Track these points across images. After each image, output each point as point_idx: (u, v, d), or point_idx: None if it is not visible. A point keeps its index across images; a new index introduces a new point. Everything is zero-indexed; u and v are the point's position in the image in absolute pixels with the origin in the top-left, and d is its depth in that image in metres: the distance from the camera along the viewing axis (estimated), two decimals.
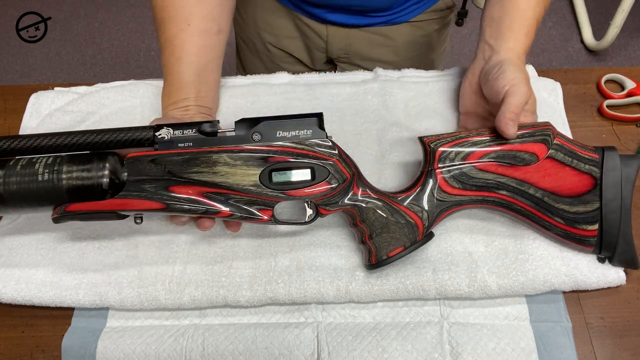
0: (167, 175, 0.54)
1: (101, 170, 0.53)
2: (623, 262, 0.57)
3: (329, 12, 0.83)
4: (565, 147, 0.57)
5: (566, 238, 0.57)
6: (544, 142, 0.56)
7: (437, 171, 0.57)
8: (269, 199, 0.54)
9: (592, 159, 0.57)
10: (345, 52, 0.91)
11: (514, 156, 0.56)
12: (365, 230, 0.56)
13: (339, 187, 0.55)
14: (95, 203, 0.52)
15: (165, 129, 0.55)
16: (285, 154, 0.54)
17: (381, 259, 0.55)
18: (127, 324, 0.59)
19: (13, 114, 0.76)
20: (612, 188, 0.56)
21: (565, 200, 0.56)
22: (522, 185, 0.56)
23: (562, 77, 0.74)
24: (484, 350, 0.55)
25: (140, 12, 2.13)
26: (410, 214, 0.56)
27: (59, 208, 0.52)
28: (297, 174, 0.54)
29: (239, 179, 0.54)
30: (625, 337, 0.57)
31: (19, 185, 0.52)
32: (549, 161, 0.56)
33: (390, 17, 0.84)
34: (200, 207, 0.53)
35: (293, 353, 0.55)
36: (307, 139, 0.54)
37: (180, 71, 0.63)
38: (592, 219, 0.56)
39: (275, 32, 0.91)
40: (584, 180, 0.56)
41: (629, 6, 1.72)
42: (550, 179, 0.56)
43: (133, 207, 0.53)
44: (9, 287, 0.59)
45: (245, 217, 0.54)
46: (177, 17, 0.64)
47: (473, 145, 0.57)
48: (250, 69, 1.01)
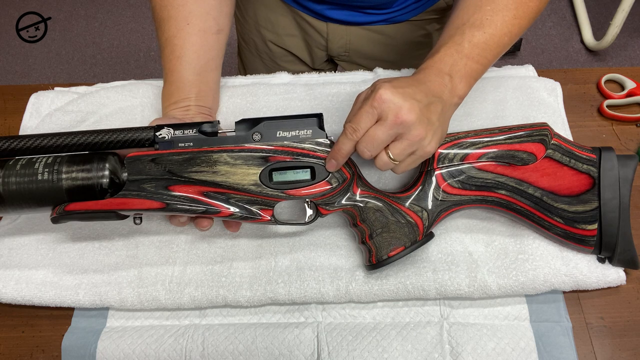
0: (167, 175, 0.54)
1: (101, 170, 0.53)
2: (623, 262, 0.57)
3: (330, 8, 0.83)
4: (562, 147, 0.57)
5: (566, 238, 0.57)
6: (541, 142, 0.57)
7: (437, 171, 0.57)
8: (269, 198, 0.54)
9: (590, 158, 0.57)
10: (345, 50, 0.91)
11: (513, 156, 0.56)
12: (366, 230, 0.56)
13: (339, 187, 0.55)
14: (94, 202, 0.52)
15: (166, 129, 0.55)
16: (285, 154, 0.54)
17: (382, 259, 0.55)
18: (127, 324, 0.59)
19: (13, 114, 0.76)
20: (610, 187, 0.56)
21: (564, 199, 0.57)
22: (521, 184, 0.57)
23: (562, 77, 0.74)
24: (484, 350, 0.55)
25: (140, 12, 2.13)
26: (410, 214, 0.56)
27: (58, 208, 0.52)
28: (297, 174, 0.55)
29: (240, 178, 0.54)
30: (625, 337, 0.57)
31: (19, 185, 0.52)
32: (547, 161, 0.57)
33: (391, 15, 0.84)
34: (200, 207, 0.53)
35: (293, 353, 0.55)
36: (307, 138, 0.55)
37: (181, 70, 0.63)
38: (591, 218, 0.57)
39: (276, 29, 0.91)
40: (582, 179, 0.57)
41: (629, 6, 1.71)
42: (548, 178, 0.56)
43: (133, 206, 0.52)
44: (9, 287, 0.59)
45: (245, 216, 0.54)
46: (176, 16, 0.64)
47: (471, 146, 0.57)
48: (250, 69, 1.01)
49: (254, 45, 0.96)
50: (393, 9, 0.83)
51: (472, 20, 0.56)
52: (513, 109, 0.69)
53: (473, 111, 0.69)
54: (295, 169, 0.55)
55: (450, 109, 0.55)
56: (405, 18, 0.86)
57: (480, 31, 0.56)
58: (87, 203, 0.52)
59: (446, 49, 0.55)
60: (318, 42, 0.90)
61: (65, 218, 0.52)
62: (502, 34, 0.57)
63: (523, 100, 0.70)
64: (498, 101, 0.70)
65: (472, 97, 0.71)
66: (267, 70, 0.97)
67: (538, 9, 0.59)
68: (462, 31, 0.56)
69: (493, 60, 0.58)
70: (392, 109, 0.49)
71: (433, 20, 0.89)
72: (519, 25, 0.58)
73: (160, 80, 0.75)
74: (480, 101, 0.70)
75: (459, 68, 0.54)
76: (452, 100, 0.54)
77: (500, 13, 0.57)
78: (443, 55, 0.55)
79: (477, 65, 0.55)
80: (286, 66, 0.96)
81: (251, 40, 0.96)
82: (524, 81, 0.72)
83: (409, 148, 0.51)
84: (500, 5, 0.57)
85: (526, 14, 0.58)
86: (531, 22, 0.60)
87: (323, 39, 0.89)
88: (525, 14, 0.58)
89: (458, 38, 0.55)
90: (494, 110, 0.69)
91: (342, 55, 0.92)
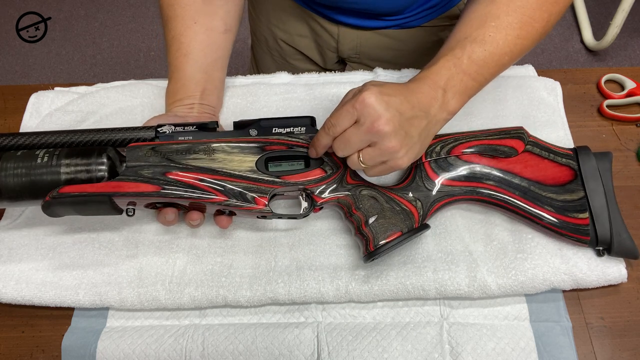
0: (166, 162, 0.54)
1: (100, 163, 0.53)
2: (621, 252, 0.58)
3: (341, 14, 0.83)
4: (539, 144, 0.62)
5: (561, 228, 0.58)
6: (519, 138, 0.61)
7: (425, 163, 0.59)
8: (264, 184, 0.55)
9: (567, 154, 0.61)
10: (356, 53, 0.91)
11: (495, 149, 0.60)
12: (361, 218, 0.56)
13: (333, 174, 0.57)
14: (90, 185, 0.52)
15: (167, 126, 0.57)
16: (281, 145, 0.57)
17: (379, 245, 0.55)
18: (127, 324, 0.59)
19: (13, 114, 0.76)
20: (592, 177, 0.60)
21: (551, 189, 0.59)
22: (507, 174, 0.59)
23: (562, 77, 0.74)
24: (484, 350, 0.55)
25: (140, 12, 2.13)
26: (404, 202, 0.57)
27: (52, 192, 0.51)
28: (292, 165, 0.57)
29: (236, 165, 0.55)
30: (625, 337, 0.57)
31: (17, 176, 0.51)
32: (527, 154, 0.61)
33: (403, 21, 0.84)
34: (194, 193, 0.54)
35: (293, 353, 0.55)
36: (301, 134, 0.58)
37: (187, 68, 0.63)
38: (581, 207, 0.59)
39: (288, 29, 0.91)
40: (564, 170, 0.60)
41: (629, 6, 1.71)
42: (532, 169, 0.60)
43: (128, 189, 0.52)
44: (9, 287, 0.59)
45: (240, 204, 0.54)
46: (183, 15, 0.64)
47: (456, 141, 0.60)
48: (261, 65, 1.02)
49: (265, 42, 0.96)
50: (405, 15, 0.83)
51: (475, 35, 0.55)
52: (513, 109, 0.69)
53: (473, 111, 0.69)
54: (290, 159, 0.57)
55: (437, 125, 0.55)
56: (418, 24, 0.86)
57: (481, 48, 0.55)
58: (82, 186, 0.51)
59: (444, 62, 0.54)
60: (329, 44, 0.90)
61: (58, 203, 0.51)
62: (502, 53, 0.56)
63: (523, 100, 0.70)
64: (498, 101, 0.70)
65: None
66: (276, 67, 0.97)
67: (544, 31, 0.58)
68: (463, 45, 0.55)
69: (490, 79, 0.57)
70: (371, 114, 0.49)
71: (446, 27, 0.88)
72: (521, 45, 0.57)
73: (161, 80, 0.75)
74: (480, 101, 0.70)
75: (454, 83, 0.54)
76: (440, 116, 0.54)
77: (504, 31, 0.55)
78: (440, 67, 0.54)
79: (473, 82, 0.55)
80: (296, 64, 0.96)
81: (263, 37, 0.96)
82: (524, 81, 0.72)
83: (380, 157, 0.51)
84: (504, 23, 0.55)
85: (530, 35, 0.57)
86: (535, 43, 0.58)
87: (334, 41, 0.89)
88: (530, 34, 0.57)
89: (458, 52, 0.55)
90: (494, 110, 0.69)
91: (352, 57, 0.92)
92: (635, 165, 0.68)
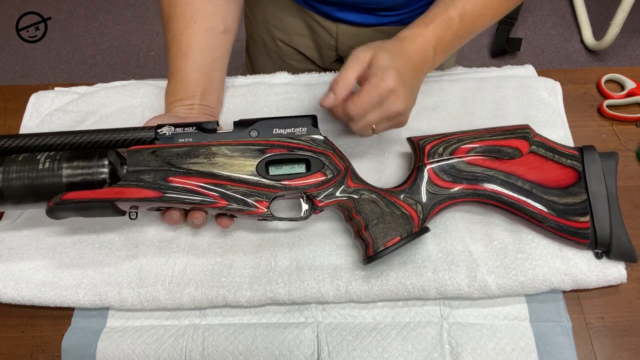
0: (166, 166, 0.54)
1: (101, 165, 0.53)
2: (620, 256, 0.57)
3: (340, 10, 0.82)
4: (545, 144, 0.60)
5: (560, 231, 0.58)
6: (524, 138, 0.60)
7: (427, 165, 0.59)
8: (265, 189, 0.55)
9: (573, 155, 0.60)
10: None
11: (499, 150, 0.59)
12: (361, 222, 0.56)
13: (334, 178, 0.56)
14: (92, 191, 0.52)
15: (167, 127, 0.56)
16: (281, 147, 0.56)
17: (378, 250, 0.55)
18: (127, 324, 0.59)
19: (13, 114, 0.76)
20: (596, 180, 0.59)
21: (553, 192, 0.58)
22: (509, 177, 0.59)
23: (562, 77, 0.74)
24: (484, 350, 0.55)
25: (140, 12, 2.13)
26: (404, 206, 0.57)
27: (54, 198, 0.52)
28: (293, 168, 0.56)
29: (237, 169, 0.55)
30: (625, 337, 0.57)
31: (19, 180, 0.52)
32: (532, 155, 0.59)
33: (403, 16, 0.83)
34: (196, 198, 0.54)
35: (293, 353, 0.55)
36: (302, 135, 0.57)
37: (187, 68, 0.63)
38: (583, 210, 0.58)
39: (286, 28, 0.91)
40: (568, 172, 0.59)
41: (629, 6, 1.71)
42: (535, 171, 0.59)
43: (130, 195, 0.52)
44: (9, 287, 0.59)
45: (241, 208, 0.54)
46: (183, 14, 0.64)
47: (459, 142, 0.59)
48: (258, 66, 1.01)
49: (262, 43, 0.96)
50: (405, 11, 0.83)
51: None
52: (513, 109, 0.69)
53: (473, 111, 0.70)
54: (291, 163, 0.56)
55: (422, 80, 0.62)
56: None
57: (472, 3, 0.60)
58: (84, 192, 0.52)
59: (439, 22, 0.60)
60: (327, 43, 0.90)
61: (61, 209, 0.52)
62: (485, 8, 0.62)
63: (523, 100, 0.70)
64: (498, 101, 0.70)
65: (472, 96, 0.71)
66: (274, 68, 0.96)
67: None
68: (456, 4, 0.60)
69: (471, 37, 0.64)
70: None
71: None
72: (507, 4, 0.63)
73: (161, 80, 0.75)
74: (481, 101, 0.70)
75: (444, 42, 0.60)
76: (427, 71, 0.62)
77: None
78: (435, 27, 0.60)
79: (459, 41, 0.61)
80: (294, 64, 0.96)
81: (260, 38, 0.95)
82: (524, 81, 0.72)
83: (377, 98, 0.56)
84: None
85: None
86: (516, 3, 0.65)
87: (332, 40, 0.89)
88: None
89: (452, 11, 0.60)
90: (494, 110, 0.69)
91: None
92: (635, 165, 0.68)
